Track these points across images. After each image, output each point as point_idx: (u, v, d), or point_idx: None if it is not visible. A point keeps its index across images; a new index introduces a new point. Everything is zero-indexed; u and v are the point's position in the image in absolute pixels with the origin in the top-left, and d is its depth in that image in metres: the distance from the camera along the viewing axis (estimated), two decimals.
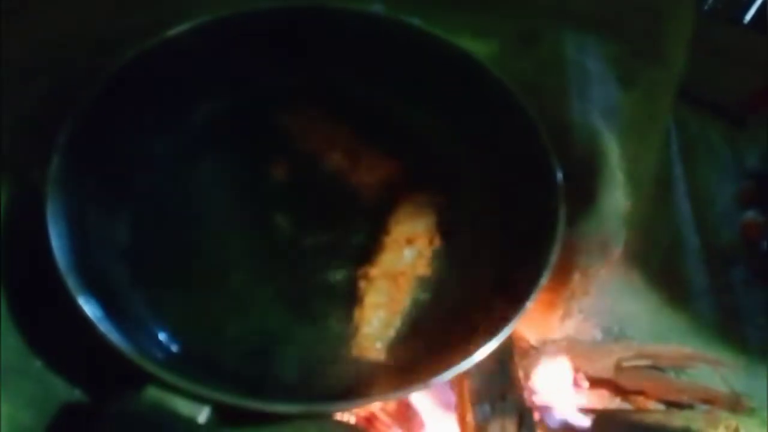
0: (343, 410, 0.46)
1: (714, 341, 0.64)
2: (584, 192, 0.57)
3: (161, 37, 0.49)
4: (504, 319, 0.42)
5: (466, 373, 0.54)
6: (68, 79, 0.51)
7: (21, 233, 0.46)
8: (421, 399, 0.58)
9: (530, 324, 0.60)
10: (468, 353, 0.41)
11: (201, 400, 0.37)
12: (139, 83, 0.49)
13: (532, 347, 0.63)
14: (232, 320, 0.47)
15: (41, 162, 0.45)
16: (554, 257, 0.44)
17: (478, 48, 0.55)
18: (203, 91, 0.54)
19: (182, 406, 0.37)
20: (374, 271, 0.48)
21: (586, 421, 0.57)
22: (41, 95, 0.51)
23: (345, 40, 0.55)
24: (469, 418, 0.55)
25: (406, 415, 0.59)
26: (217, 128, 0.54)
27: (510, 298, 0.43)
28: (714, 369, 0.61)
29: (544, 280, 0.43)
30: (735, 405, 0.59)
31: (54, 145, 0.45)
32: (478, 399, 0.55)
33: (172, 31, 0.50)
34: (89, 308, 0.40)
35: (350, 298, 0.48)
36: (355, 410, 0.52)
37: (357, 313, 0.47)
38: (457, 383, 0.56)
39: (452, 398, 0.58)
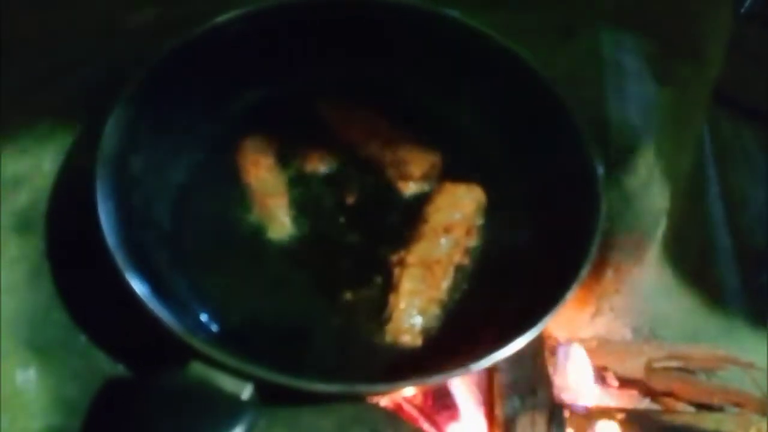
0: (380, 393, 0.46)
1: (746, 344, 0.64)
2: (620, 188, 0.57)
3: (208, 24, 0.50)
4: (541, 312, 0.42)
5: (496, 367, 0.54)
6: (117, 64, 0.52)
7: (68, 212, 0.47)
8: (448, 391, 0.59)
9: (560, 321, 0.60)
10: (505, 342, 0.41)
11: (245, 377, 0.38)
12: (186, 69, 0.50)
13: (562, 344, 0.63)
14: (269, 303, 0.48)
15: (90, 144, 0.46)
16: (594, 252, 0.44)
17: (515, 43, 0.55)
18: (245, 79, 0.54)
19: (226, 382, 0.38)
20: (410, 258, 0.49)
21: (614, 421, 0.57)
22: (91, 79, 0.53)
23: (385, 32, 0.55)
24: (498, 411, 0.55)
25: (433, 407, 0.59)
26: (258, 116, 0.55)
27: (547, 291, 0.43)
28: (745, 372, 0.61)
29: (584, 275, 0.43)
30: (766, 408, 0.58)
31: (103, 128, 0.46)
32: (507, 393, 0.55)
33: (219, 19, 0.51)
34: (137, 285, 0.40)
35: (386, 284, 0.49)
36: (384, 399, 0.53)
37: (392, 299, 0.48)
38: (486, 377, 0.57)
39: (480, 392, 0.58)
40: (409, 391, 0.52)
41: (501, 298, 0.47)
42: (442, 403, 0.59)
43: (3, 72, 0.52)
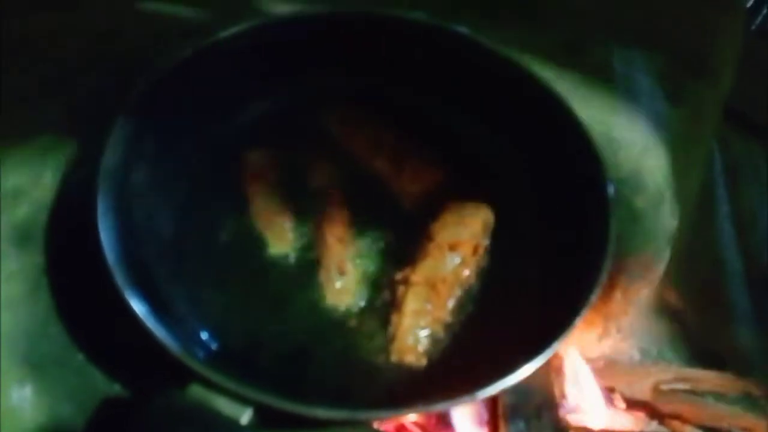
0: (385, 418, 0.45)
1: (755, 367, 0.63)
2: (629, 208, 0.56)
3: (214, 37, 0.50)
4: (551, 336, 0.41)
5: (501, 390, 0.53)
6: (120, 75, 0.52)
7: (68, 226, 0.47)
8: (452, 413, 0.58)
9: (566, 342, 0.59)
10: (513, 368, 0.40)
11: (244, 401, 0.37)
12: (190, 82, 0.49)
13: (569, 365, 0.62)
14: (271, 321, 0.47)
15: (92, 156, 0.45)
16: (604, 276, 0.43)
17: (523, 58, 0.54)
18: (250, 92, 0.54)
19: (225, 406, 0.37)
20: (414, 277, 0.48)
21: None
22: (92, 90, 0.52)
23: (393, 47, 0.54)
24: None
25: (435, 427, 0.58)
26: (262, 130, 0.54)
27: (556, 315, 0.43)
28: (754, 396, 0.60)
29: (594, 299, 0.42)
30: None
31: (105, 140, 0.45)
32: (512, 415, 0.54)
33: (225, 32, 0.50)
34: (136, 304, 0.40)
35: (389, 302, 0.48)
36: (386, 421, 0.52)
37: (395, 318, 0.47)
38: (491, 398, 0.56)
39: (484, 413, 0.57)
40: (412, 417, 0.51)
41: (508, 321, 0.46)
42: (445, 423, 0.58)
43: (4, 80, 0.52)
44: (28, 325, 0.44)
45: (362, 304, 0.48)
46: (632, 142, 0.57)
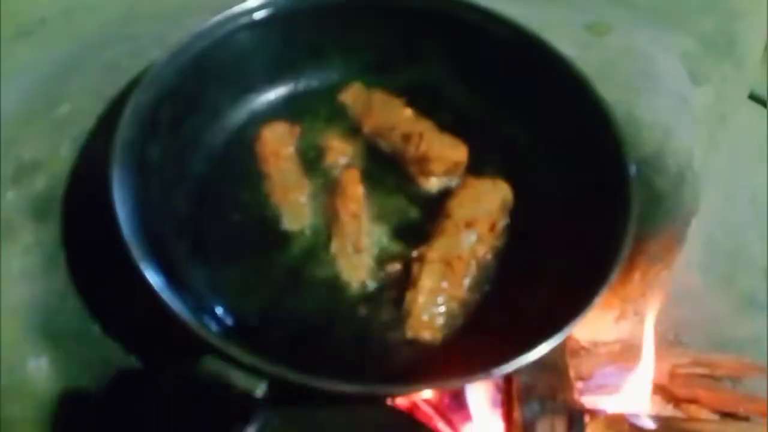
0: (399, 394, 0.45)
1: None
2: (650, 188, 0.55)
3: (231, 10, 0.49)
4: (568, 316, 0.41)
5: (516, 370, 0.53)
6: (138, 49, 0.51)
7: (85, 199, 0.47)
8: (465, 393, 0.58)
9: (583, 323, 0.59)
10: (529, 347, 0.40)
11: (258, 374, 0.37)
12: (206, 56, 0.49)
13: (584, 347, 0.62)
14: (286, 297, 0.47)
15: (109, 130, 0.45)
16: (625, 256, 0.42)
17: (546, 37, 0.53)
18: (269, 68, 0.53)
19: (240, 379, 0.37)
20: (430, 254, 0.47)
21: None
22: (110, 65, 0.52)
23: (412, 23, 0.54)
24: (517, 415, 0.54)
25: (449, 408, 0.58)
26: (280, 106, 0.54)
27: (574, 295, 0.42)
28: None
29: (613, 280, 0.41)
30: None
31: (121, 115, 0.45)
32: (527, 396, 0.54)
33: (242, 6, 0.49)
34: (151, 276, 0.40)
35: (405, 280, 0.47)
36: (399, 399, 0.51)
37: (410, 296, 0.46)
38: (505, 379, 0.55)
39: (498, 394, 0.57)
40: (427, 393, 0.51)
41: (525, 300, 0.46)
42: (458, 403, 0.58)
43: (24, 57, 0.52)
44: (44, 297, 0.45)
45: (377, 280, 0.48)
46: (655, 123, 0.56)
